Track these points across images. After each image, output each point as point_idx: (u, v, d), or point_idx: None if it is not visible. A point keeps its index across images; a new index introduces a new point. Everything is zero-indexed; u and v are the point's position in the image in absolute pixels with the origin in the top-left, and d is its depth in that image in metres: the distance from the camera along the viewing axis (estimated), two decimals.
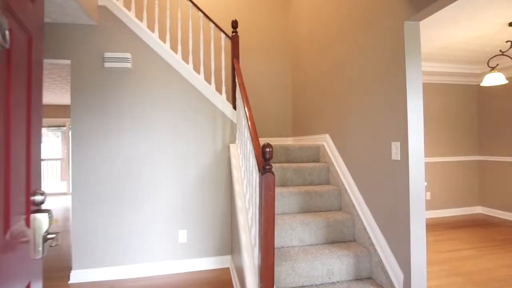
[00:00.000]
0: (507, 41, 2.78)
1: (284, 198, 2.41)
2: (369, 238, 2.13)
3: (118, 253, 2.63)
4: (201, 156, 2.81)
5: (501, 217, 4.58)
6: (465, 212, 4.86)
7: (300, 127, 3.66)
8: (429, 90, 4.69)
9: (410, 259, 1.80)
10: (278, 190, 2.44)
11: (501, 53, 2.87)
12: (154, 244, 2.70)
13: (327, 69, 2.87)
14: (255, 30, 3.95)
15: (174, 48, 3.63)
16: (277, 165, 2.69)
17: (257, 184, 1.81)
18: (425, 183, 1.82)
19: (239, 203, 2.28)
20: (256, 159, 1.77)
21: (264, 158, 1.62)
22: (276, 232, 2.14)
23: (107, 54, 2.61)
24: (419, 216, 1.81)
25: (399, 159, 1.87)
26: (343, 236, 2.29)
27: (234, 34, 2.99)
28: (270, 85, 3.96)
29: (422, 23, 2.81)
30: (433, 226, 4.14)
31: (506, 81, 2.92)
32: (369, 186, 2.19)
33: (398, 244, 1.89)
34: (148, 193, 2.70)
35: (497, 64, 2.92)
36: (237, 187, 2.42)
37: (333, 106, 2.75)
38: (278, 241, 2.15)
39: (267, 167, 1.62)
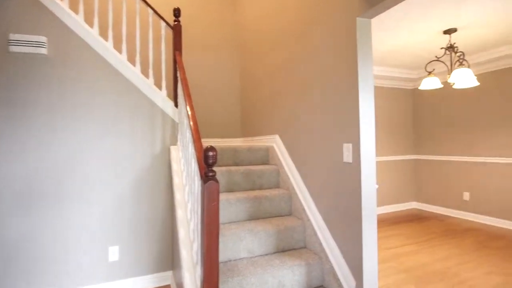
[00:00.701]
0: (441, 48, 2.94)
1: (231, 206, 2.19)
2: (320, 244, 2.03)
3: (34, 276, 2.16)
4: (137, 159, 2.46)
5: (431, 211, 4.97)
6: (403, 208, 5.18)
7: (249, 127, 3.49)
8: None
9: (362, 265, 1.72)
10: (224, 196, 2.22)
11: (436, 59, 3.04)
12: (79, 264, 2.28)
13: (277, 66, 2.73)
14: (201, 24, 3.67)
15: (104, 34, 3.18)
16: (224, 168, 2.47)
17: (200, 193, 1.56)
18: (376, 186, 1.75)
19: (180, 213, 2.01)
20: (198, 164, 1.53)
21: (207, 164, 1.39)
22: (222, 245, 1.91)
23: (13, 36, 2.12)
24: (370, 220, 1.74)
25: (351, 161, 1.79)
26: (294, 243, 2.16)
27: (176, 23, 2.69)
28: (218, 82, 3.72)
29: None
30: (377, 223, 4.31)
31: (441, 85, 3.10)
32: (320, 189, 2.09)
33: (350, 250, 1.81)
34: (72, 204, 2.27)
35: (434, 69, 3.08)
36: (178, 195, 2.14)
37: (283, 105, 2.62)
38: (224, 255, 1.93)
39: (210, 173, 1.39)
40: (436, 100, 4.85)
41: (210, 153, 1.38)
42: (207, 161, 1.39)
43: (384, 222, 4.41)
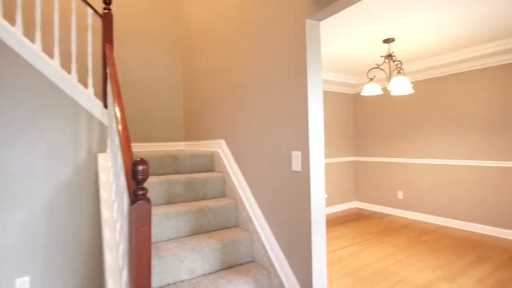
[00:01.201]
0: (381, 56, 3.07)
1: (171, 220, 1.95)
2: (269, 257, 1.91)
3: None
4: (55, 170, 2.06)
5: (371, 209, 5.26)
6: (346, 207, 5.40)
7: (193, 130, 3.24)
8: None
9: (312, 278, 1.63)
10: (163, 210, 1.97)
11: (377, 66, 3.17)
12: None
13: (224, 67, 2.55)
14: (137, 13, 3.31)
15: (10, 18, 2.65)
16: (163, 178, 2.21)
17: (128, 214, 1.31)
18: (326, 195, 1.68)
19: (107, 234, 1.71)
20: (126, 180, 1.28)
21: (136, 180, 1.16)
22: (159, 267, 1.67)
23: None
24: (319, 230, 1.66)
25: (300, 170, 1.69)
26: (242, 258, 2.01)
27: (106, 11, 2.34)
28: (157, 81, 3.40)
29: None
30: None
31: (381, 92, 3.24)
32: (268, 199, 1.97)
33: (299, 262, 1.71)
34: None
35: (374, 76, 3.21)
36: (105, 213, 1.83)
37: (230, 108, 2.45)
38: (161, 279, 1.69)
39: (140, 192, 1.16)
40: (375, 105, 5.15)
41: (140, 167, 1.14)
42: (136, 177, 1.15)
43: (329, 223, 4.52)
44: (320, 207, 1.66)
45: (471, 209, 3.97)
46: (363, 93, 3.24)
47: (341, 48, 3.43)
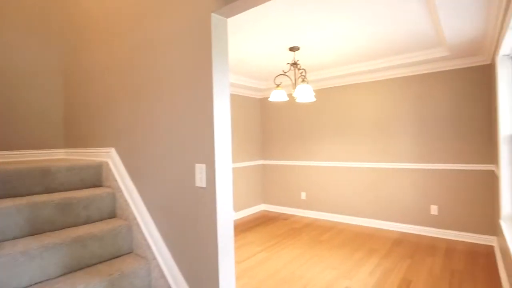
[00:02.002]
0: (287, 63, 3.13)
1: (34, 260, 1.47)
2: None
3: None
4: None
5: (277, 211, 5.44)
6: (254, 211, 5.43)
7: (77, 135, 2.66)
8: None
9: None
10: (21, 246, 1.47)
11: (283, 73, 3.22)
12: None
13: (117, 63, 2.13)
14: None
15: None
16: (25, 200, 1.67)
17: None
18: (234, 213, 1.51)
19: None
20: None
21: None
22: None
23: None
24: (227, 252, 1.48)
25: (204, 185, 1.48)
26: None
27: None
28: (25, 71, 2.67)
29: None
30: None
31: (287, 98, 3.31)
32: (169, 219, 1.69)
33: None
34: None
35: (281, 82, 3.25)
36: None
37: (122, 111, 2.05)
38: None
39: None
40: (282, 110, 5.34)
41: None
42: None
43: (236, 229, 4.43)
44: (227, 226, 1.48)
45: (362, 205, 4.47)
46: (270, 99, 3.25)
47: (250, 52, 3.37)
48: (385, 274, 2.85)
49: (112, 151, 2.11)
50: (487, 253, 3.30)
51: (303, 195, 5.09)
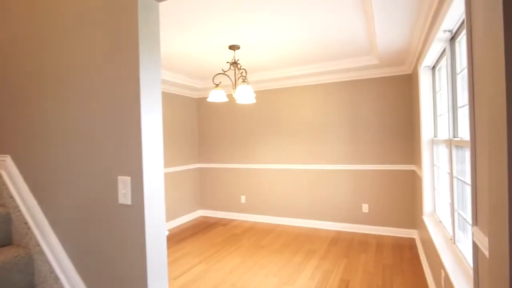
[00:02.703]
0: (227, 62, 2.96)
1: None
2: None
3: None
4: None
5: (216, 216, 5.22)
6: (191, 218, 5.12)
7: None
8: None
9: None
10: None
11: (223, 72, 3.03)
12: None
13: (13, 48, 1.68)
14: None
15: None
16: None
17: None
18: (167, 233, 1.28)
19: None
20: None
21: None
22: None
23: None
24: (160, 279, 1.24)
25: (129, 203, 1.21)
26: None
27: None
28: None
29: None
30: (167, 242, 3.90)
31: (226, 99, 3.13)
32: (84, 245, 1.36)
33: None
34: None
35: (220, 82, 3.06)
36: None
37: (22, 107, 1.62)
38: None
39: None
40: (219, 111, 5.14)
41: None
42: None
43: (173, 239, 4.10)
44: (159, 250, 1.24)
45: (300, 207, 4.54)
46: (209, 99, 3.04)
47: (186, 48, 3.11)
48: (324, 276, 2.87)
49: (7, 159, 1.67)
50: (410, 245, 3.61)
51: (243, 199, 4.98)
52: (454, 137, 1.97)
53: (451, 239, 2.07)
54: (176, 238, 4.14)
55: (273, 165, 4.70)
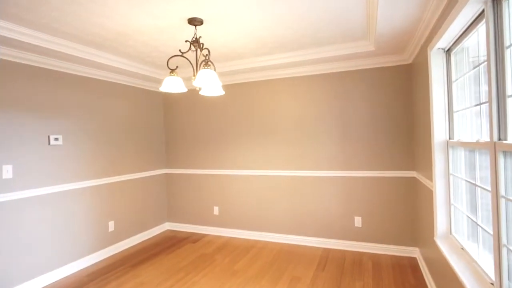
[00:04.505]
0: (186, 41, 2.27)
1: None
2: None
3: None
4: None
5: (186, 230, 4.49)
6: (156, 232, 4.36)
7: None
8: (110, 90, 3.70)
9: None
10: None
11: (180, 54, 2.34)
12: None
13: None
14: None
15: None
16: None
17: None
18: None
19: None
20: None
21: None
22: None
23: None
24: None
25: None
26: None
27: None
28: None
29: None
30: (112, 268, 3.14)
31: (185, 89, 2.42)
32: None
33: None
34: None
35: (177, 67, 2.35)
36: None
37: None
38: None
39: None
40: (187, 108, 4.41)
41: None
42: None
43: (126, 263, 3.34)
44: None
45: (281, 220, 3.88)
46: (162, 88, 2.33)
47: (135, 24, 2.38)
48: None
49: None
50: (412, 266, 3.03)
51: (216, 210, 4.27)
52: (500, 140, 1.37)
53: (492, 284, 1.46)
54: (132, 261, 3.39)
55: (250, 171, 4.03)
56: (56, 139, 3.06)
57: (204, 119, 4.30)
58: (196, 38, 2.29)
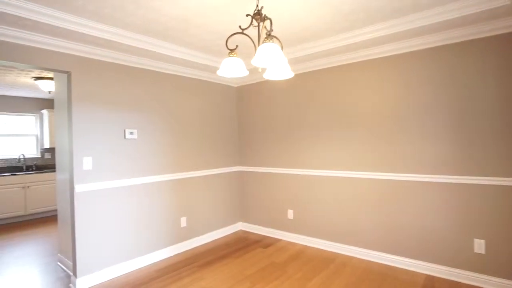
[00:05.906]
0: (247, 15, 1.91)
1: None
2: None
3: None
4: None
5: (258, 233, 4.17)
6: (230, 231, 4.19)
7: None
8: (181, 85, 3.65)
9: None
10: None
11: (241, 31, 1.99)
12: None
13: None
14: None
15: None
16: None
17: None
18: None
19: None
20: None
21: None
22: None
23: None
24: None
25: None
26: None
27: None
28: None
29: None
30: (180, 266, 3.02)
31: (247, 72, 2.05)
32: None
33: None
34: None
35: (237, 46, 2.01)
36: None
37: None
38: None
39: None
40: (260, 101, 4.10)
41: None
42: None
43: (194, 262, 3.20)
44: None
45: (371, 232, 3.19)
46: (219, 72, 2.02)
47: (192, 4, 2.14)
48: None
49: None
50: None
51: (290, 214, 3.83)
52: None
53: None
54: (200, 261, 3.24)
55: (330, 171, 3.44)
56: (132, 133, 3.11)
57: (280, 112, 3.91)
58: (258, 10, 1.90)
